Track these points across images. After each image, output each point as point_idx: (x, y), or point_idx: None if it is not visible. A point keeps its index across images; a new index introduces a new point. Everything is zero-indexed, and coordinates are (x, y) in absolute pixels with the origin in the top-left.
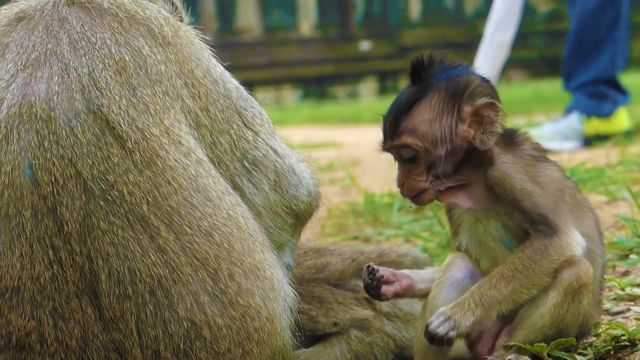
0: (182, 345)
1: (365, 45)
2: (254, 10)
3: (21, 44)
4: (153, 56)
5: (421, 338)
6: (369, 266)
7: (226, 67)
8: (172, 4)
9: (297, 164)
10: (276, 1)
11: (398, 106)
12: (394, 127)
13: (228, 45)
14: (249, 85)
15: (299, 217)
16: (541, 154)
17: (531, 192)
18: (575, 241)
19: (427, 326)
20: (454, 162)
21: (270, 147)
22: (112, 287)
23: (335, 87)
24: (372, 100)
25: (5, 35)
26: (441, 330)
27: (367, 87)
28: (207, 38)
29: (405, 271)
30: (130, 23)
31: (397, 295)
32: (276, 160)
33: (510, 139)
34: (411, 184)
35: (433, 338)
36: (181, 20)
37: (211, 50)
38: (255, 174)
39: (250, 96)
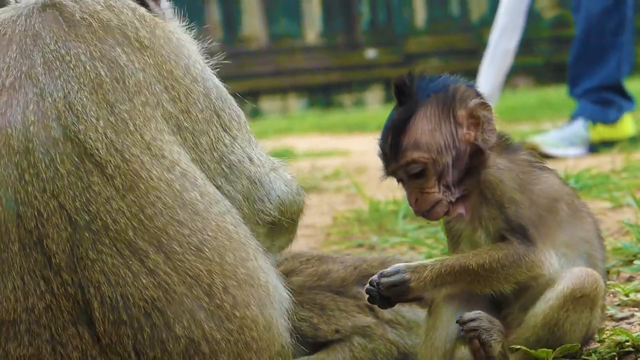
0: None
1: (371, 53)
2: (259, 18)
3: None
4: (131, 64)
5: (426, 345)
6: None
7: (231, 76)
8: None
9: (267, 175)
10: (281, 10)
11: (393, 128)
12: (395, 148)
13: (233, 54)
14: (255, 94)
15: (274, 226)
16: (536, 160)
17: (518, 202)
18: (548, 261)
19: (381, 274)
20: (460, 169)
21: (246, 154)
22: (105, 313)
23: (341, 95)
24: (379, 108)
25: None
26: (394, 279)
27: (373, 95)
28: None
29: None
30: (106, 32)
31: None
32: (249, 169)
33: (506, 145)
34: (425, 198)
35: (384, 286)
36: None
37: (185, 35)
38: (231, 177)
39: (229, 97)
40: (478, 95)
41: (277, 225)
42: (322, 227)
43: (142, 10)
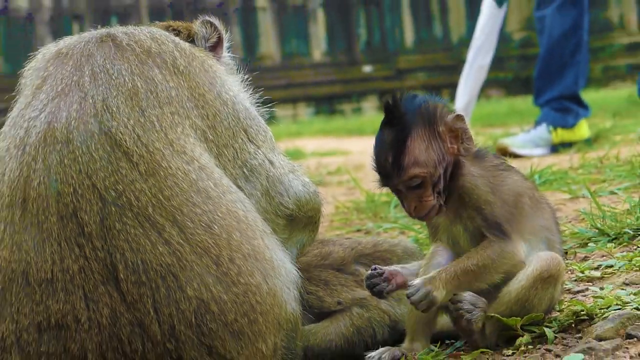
0: (193, 319)
1: (367, 69)
2: (273, 40)
3: (54, 77)
4: (165, 82)
5: (411, 313)
6: (374, 267)
7: (249, 88)
8: (210, 25)
9: (287, 175)
10: (292, 32)
11: (393, 148)
12: (398, 166)
13: (252, 70)
14: (270, 103)
15: (293, 218)
16: (501, 163)
17: (492, 202)
18: (521, 250)
19: (408, 296)
20: (446, 177)
21: (268, 159)
22: (129, 276)
23: (342, 104)
24: (374, 115)
25: (45, 70)
26: (420, 294)
27: (369, 105)
28: (233, 59)
29: (396, 267)
30: (147, 56)
31: (393, 291)
32: (269, 170)
33: (475, 153)
34: (423, 205)
35: (416, 304)
36: (220, 39)
37: (231, 72)
38: (251, 178)
39: (258, 116)
40: (449, 109)
41: (295, 220)
42: (326, 215)
43: (185, 45)
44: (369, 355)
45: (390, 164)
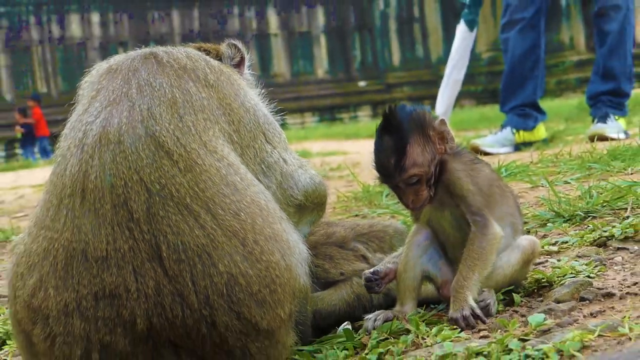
0: (224, 290)
1: (362, 84)
2: (284, 61)
3: (106, 89)
4: (198, 94)
5: (400, 284)
6: (374, 272)
7: (264, 99)
8: (235, 47)
9: (297, 171)
10: (299, 54)
11: (393, 152)
12: (400, 167)
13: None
14: (282, 112)
15: (301, 207)
16: (475, 157)
17: (473, 192)
18: (498, 229)
19: (454, 321)
20: (436, 173)
21: (282, 157)
22: (170, 254)
23: (341, 113)
24: (368, 122)
25: (99, 83)
26: (461, 318)
27: (364, 113)
28: (253, 76)
29: (386, 259)
30: (183, 72)
31: (384, 287)
32: (283, 167)
33: (457, 150)
34: (419, 198)
35: (464, 322)
36: (242, 59)
37: (251, 85)
38: (268, 173)
39: (274, 121)
40: (434, 116)
41: (303, 207)
42: (330, 203)
43: (214, 62)
44: (366, 317)
45: (392, 166)
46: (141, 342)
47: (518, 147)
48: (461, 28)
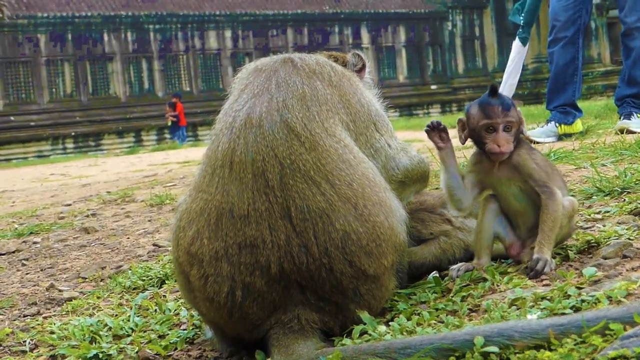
0: (340, 243)
1: (433, 87)
2: (373, 68)
3: (253, 84)
4: (323, 90)
5: (476, 240)
6: (438, 122)
7: (378, 97)
8: (358, 56)
9: (398, 153)
10: (385, 64)
11: (502, 103)
12: (504, 111)
13: None
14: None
15: (403, 182)
16: (530, 146)
17: (537, 170)
18: (559, 194)
19: (532, 270)
20: (515, 140)
21: (387, 143)
22: (298, 215)
23: (417, 110)
24: (438, 117)
25: (247, 79)
26: (540, 268)
27: (434, 110)
28: (371, 80)
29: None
30: (313, 73)
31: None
32: (387, 151)
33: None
34: (508, 145)
35: (537, 273)
36: (364, 65)
37: (369, 87)
38: (376, 155)
39: (384, 114)
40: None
41: (404, 183)
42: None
43: (338, 67)
44: (451, 267)
45: (500, 109)
46: (275, 282)
47: (560, 137)
48: (516, 44)
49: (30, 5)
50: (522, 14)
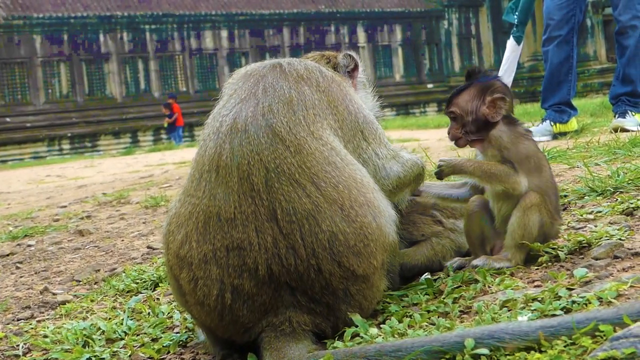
0: (327, 244)
1: (430, 86)
2: (370, 67)
3: (241, 89)
4: (311, 95)
5: (468, 240)
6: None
7: (373, 98)
8: (350, 56)
9: (388, 162)
10: (381, 62)
11: (454, 92)
12: (450, 101)
13: None
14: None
15: (396, 189)
16: (527, 134)
17: (509, 149)
18: (523, 184)
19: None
20: (477, 126)
21: (375, 152)
22: (284, 217)
23: (414, 109)
24: (434, 116)
25: (236, 84)
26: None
27: (431, 109)
28: (365, 79)
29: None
30: (300, 78)
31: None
32: (375, 161)
33: (513, 121)
34: (452, 133)
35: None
36: (356, 66)
37: (364, 86)
38: (365, 166)
39: (373, 120)
40: (504, 92)
41: (398, 189)
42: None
43: (328, 73)
44: (446, 263)
45: (448, 99)
46: (264, 285)
47: (555, 136)
48: (511, 42)
49: (26, 6)
50: (516, 13)
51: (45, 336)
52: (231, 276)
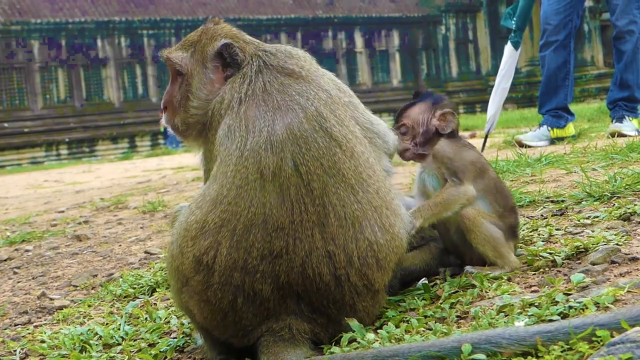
0: (363, 253)
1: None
2: (367, 72)
3: (260, 97)
4: (338, 99)
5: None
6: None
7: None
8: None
9: (386, 128)
10: (379, 68)
11: (403, 107)
12: (400, 115)
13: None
14: None
15: (392, 153)
16: (468, 145)
17: (452, 159)
18: (471, 190)
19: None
20: (427, 138)
21: (368, 118)
22: (334, 222)
23: None
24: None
25: (239, 92)
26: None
27: None
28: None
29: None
30: (309, 81)
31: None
32: (374, 128)
33: (455, 135)
34: (404, 145)
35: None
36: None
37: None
38: (367, 136)
39: (347, 89)
40: (452, 108)
41: (392, 156)
42: (406, 183)
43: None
44: (441, 269)
45: (399, 113)
46: (276, 291)
47: (553, 141)
48: (508, 48)
49: (24, 11)
50: (514, 19)
51: (43, 341)
52: (255, 282)
